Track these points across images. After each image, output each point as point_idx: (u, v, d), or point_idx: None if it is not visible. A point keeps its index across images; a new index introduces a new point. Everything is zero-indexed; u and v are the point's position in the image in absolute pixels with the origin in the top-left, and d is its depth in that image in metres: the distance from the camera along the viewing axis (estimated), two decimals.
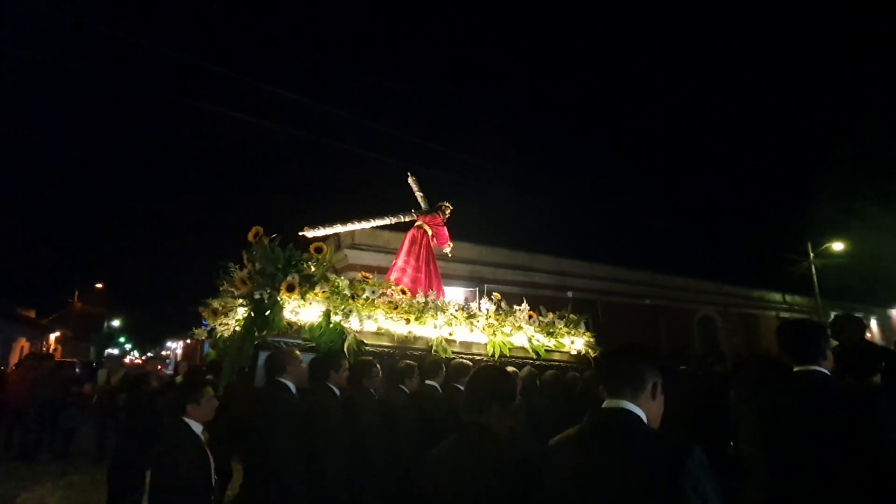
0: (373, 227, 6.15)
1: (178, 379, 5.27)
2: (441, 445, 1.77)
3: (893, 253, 21.16)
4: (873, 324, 27.60)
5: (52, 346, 34.61)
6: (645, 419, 1.43)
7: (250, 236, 3.75)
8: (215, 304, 3.82)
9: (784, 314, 24.26)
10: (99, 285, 42.96)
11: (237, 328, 3.60)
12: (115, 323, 53.80)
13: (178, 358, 37.89)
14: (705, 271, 21.84)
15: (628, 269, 19.02)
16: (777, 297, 24.13)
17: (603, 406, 1.48)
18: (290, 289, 3.51)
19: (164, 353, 54.93)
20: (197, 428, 2.61)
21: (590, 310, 5.88)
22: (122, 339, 60.77)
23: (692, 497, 1.20)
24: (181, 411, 2.60)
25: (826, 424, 1.84)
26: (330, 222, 5.18)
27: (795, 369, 2.05)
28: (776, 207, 40.95)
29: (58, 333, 36.13)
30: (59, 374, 8.98)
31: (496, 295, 5.13)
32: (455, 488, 1.58)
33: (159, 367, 16.01)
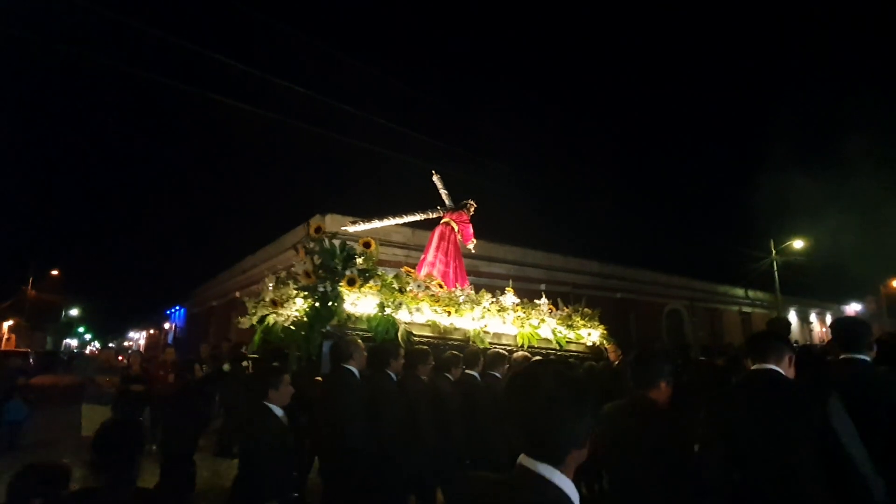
0: (402, 224, 6.63)
1: (226, 367, 5.36)
2: (614, 406, 2.12)
3: (847, 253, 22.25)
4: (828, 319, 28.99)
5: (6, 336, 32.85)
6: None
7: (311, 231, 4.01)
8: (272, 294, 3.97)
9: (746, 309, 25.22)
10: (55, 272, 40.93)
11: (295, 318, 3.80)
12: (74, 312, 51.45)
13: (142, 349, 36.61)
14: (674, 267, 22.44)
15: (601, 263, 19.37)
16: (740, 292, 25.05)
17: (753, 368, 2.01)
18: (352, 282, 3.74)
19: (126, 343, 52.87)
20: (278, 411, 2.78)
21: (562, 303, 6.05)
22: (81, 329, 58.25)
23: (837, 425, 1.71)
24: (263, 396, 2.78)
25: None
26: (367, 217, 5.63)
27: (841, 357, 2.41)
28: (742, 206, 42.42)
29: (11, 322, 34.29)
30: (2, 365, 8.57)
31: (509, 289, 5.35)
32: (622, 445, 2.00)
33: (121, 357, 15.34)
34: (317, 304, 3.57)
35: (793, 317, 26.00)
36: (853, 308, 29.54)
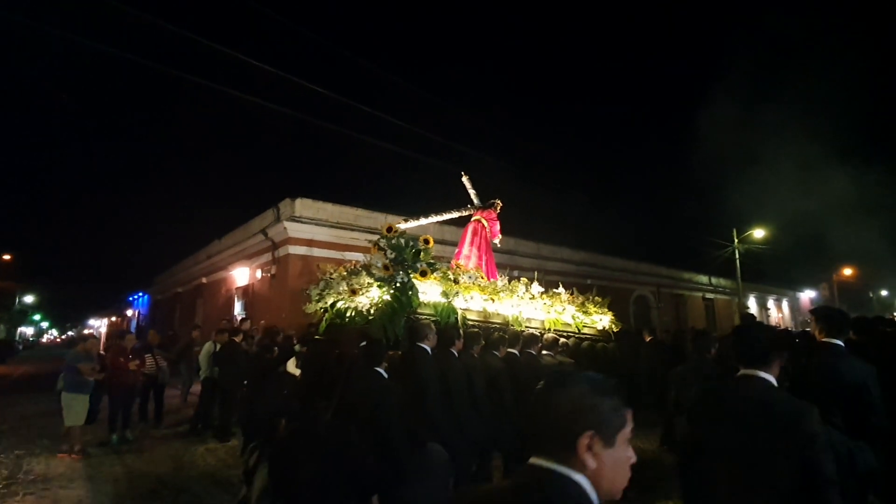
0: (438, 220, 7.17)
1: (297, 347, 5.74)
2: (723, 385, 2.34)
3: (802, 242, 23.29)
4: (784, 305, 30.42)
5: None
6: None
7: (384, 230, 4.55)
8: (352, 284, 4.55)
9: (709, 295, 26.18)
10: (7, 257, 38.68)
11: (371, 304, 4.40)
12: (29, 298, 48.99)
13: (104, 337, 35.24)
14: (642, 254, 23.03)
15: (571, 250, 19.69)
16: (704, 279, 25.95)
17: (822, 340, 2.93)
18: (424, 274, 4.32)
19: (85, 331, 50.78)
20: (385, 375, 3.49)
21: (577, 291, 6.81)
22: (37, 317, 55.63)
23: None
24: (377, 364, 3.48)
25: None
26: (414, 216, 6.38)
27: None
28: (706, 196, 43.74)
29: None
30: None
31: (523, 279, 5.97)
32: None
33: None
34: (398, 294, 4.15)
35: (752, 302, 27.11)
36: (808, 294, 31.08)
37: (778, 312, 29.70)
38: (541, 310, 5.58)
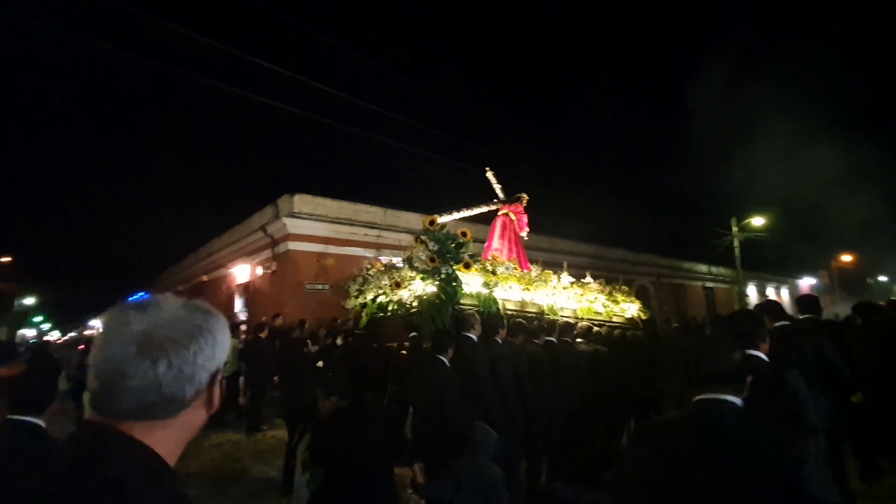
0: (458, 217, 7.15)
1: (339, 341, 5.92)
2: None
3: (801, 229, 23.33)
4: (784, 292, 30.53)
5: None
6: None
7: (425, 223, 4.65)
8: (396, 277, 4.71)
9: (709, 284, 26.23)
10: (7, 258, 38.50)
11: (416, 296, 4.53)
12: (30, 300, 48.84)
13: None
14: (641, 244, 23.02)
15: (572, 242, 19.70)
16: (703, 268, 25.98)
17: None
18: (467, 266, 4.48)
19: (86, 332, 50.78)
20: (447, 364, 3.67)
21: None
22: (37, 319, 55.53)
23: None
24: (443, 353, 3.67)
25: None
26: (447, 211, 6.39)
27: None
28: (706, 185, 43.71)
29: None
30: None
31: (565, 271, 6.21)
32: None
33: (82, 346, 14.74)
34: (444, 285, 4.28)
35: (752, 290, 27.20)
36: (807, 282, 31.18)
37: (777, 299, 29.81)
38: (573, 299, 5.78)
